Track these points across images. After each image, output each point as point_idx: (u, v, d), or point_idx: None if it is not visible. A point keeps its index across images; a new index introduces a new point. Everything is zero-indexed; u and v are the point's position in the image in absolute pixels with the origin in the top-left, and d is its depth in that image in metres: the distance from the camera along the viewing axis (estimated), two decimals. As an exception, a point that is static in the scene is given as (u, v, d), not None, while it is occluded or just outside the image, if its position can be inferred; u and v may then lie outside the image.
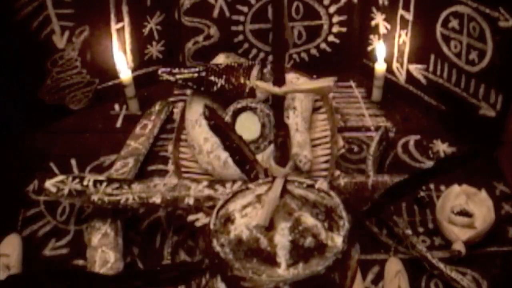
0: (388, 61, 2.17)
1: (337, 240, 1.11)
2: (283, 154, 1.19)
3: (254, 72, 1.81)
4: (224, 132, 1.44)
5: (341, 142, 1.81)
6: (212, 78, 1.71)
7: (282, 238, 1.10)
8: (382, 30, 2.18)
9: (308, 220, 1.14)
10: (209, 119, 1.42)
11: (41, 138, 2.14)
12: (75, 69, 2.16)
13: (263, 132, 1.64)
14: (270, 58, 2.20)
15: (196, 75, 1.75)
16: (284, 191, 1.17)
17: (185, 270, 1.20)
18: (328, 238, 1.11)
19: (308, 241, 1.10)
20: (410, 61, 2.12)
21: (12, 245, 1.75)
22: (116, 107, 2.27)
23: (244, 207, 1.19)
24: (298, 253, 1.08)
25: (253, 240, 1.10)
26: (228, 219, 1.17)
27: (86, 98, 2.24)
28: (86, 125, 2.21)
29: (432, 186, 1.89)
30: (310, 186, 1.26)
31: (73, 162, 2.04)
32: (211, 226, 1.15)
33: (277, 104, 1.12)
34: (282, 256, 1.08)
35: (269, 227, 1.11)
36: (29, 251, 1.77)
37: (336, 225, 1.15)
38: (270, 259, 1.07)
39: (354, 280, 1.15)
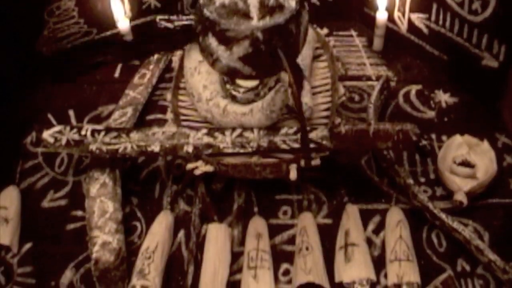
0: (390, 10, 2.14)
1: (291, 3, 1.50)
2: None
3: None
4: None
5: (341, 90, 1.79)
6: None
7: (253, 0, 1.51)
8: (384, -22, 2.16)
9: None
10: None
11: (38, 89, 2.13)
12: (72, 19, 2.13)
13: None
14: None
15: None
16: None
17: (186, 32, 1.63)
18: (285, 1, 1.51)
19: (271, 2, 1.51)
20: (412, 10, 2.10)
21: (10, 197, 1.76)
22: (114, 57, 2.25)
23: None
24: (265, 9, 1.50)
25: (232, 3, 1.52)
26: None
27: (84, 48, 2.22)
28: (84, 75, 2.18)
29: (433, 136, 1.89)
30: None
31: (71, 113, 2.03)
32: (201, 1, 1.52)
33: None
34: (254, 12, 1.51)
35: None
36: (28, 203, 1.78)
37: None
38: (245, 15, 1.50)
39: (306, 35, 1.56)
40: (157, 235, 1.63)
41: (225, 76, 1.62)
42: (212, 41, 1.48)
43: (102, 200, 1.67)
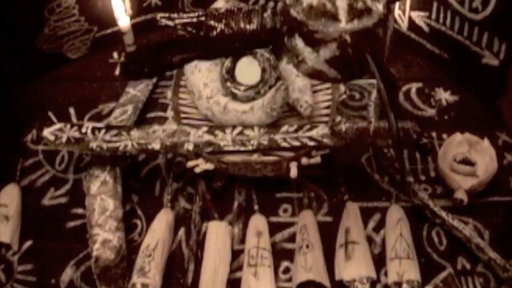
0: (390, 8, 2.14)
1: (379, 6, 1.42)
2: None
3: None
4: None
5: (342, 88, 1.79)
6: (212, 22, 1.68)
7: (341, 2, 1.41)
8: (384, -24, 2.15)
9: None
10: None
11: (39, 87, 2.13)
12: (72, 17, 2.13)
13: (263, 76, 1.62)
14: (271, 3, 2.18)
15: (195, 19, 1.72)
16: None
17: (271, 33, 1.56)
18: (373, 4, 1.42)
19: (360, 5, 1.42)
20: (412, 8, 2.09)
21: (11, 195, 1.76)
22: (115, 55, 2.24)
23: None
24: (354, 12, 1.41)
25: (321, 5, 1.42)
26: None
27: (84, 46, 2.21)
28: (84, 73, 2.19)
29: (434, 134, 1.89)
30: None
31: (72, 110, 2.03)
32: (287, 1, 1.46)
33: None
34: (342, 14, 1.41)
35: None
36: (28, 201, 1.78)
37: None
38: (334, 17, 1.41)
39: (391, 41, 1.50)
40: (158, 232, 1.63)
41: (310, 78, 1.58)
42: (298, 42, 1.44)
43: (102, 198, 1.67)
